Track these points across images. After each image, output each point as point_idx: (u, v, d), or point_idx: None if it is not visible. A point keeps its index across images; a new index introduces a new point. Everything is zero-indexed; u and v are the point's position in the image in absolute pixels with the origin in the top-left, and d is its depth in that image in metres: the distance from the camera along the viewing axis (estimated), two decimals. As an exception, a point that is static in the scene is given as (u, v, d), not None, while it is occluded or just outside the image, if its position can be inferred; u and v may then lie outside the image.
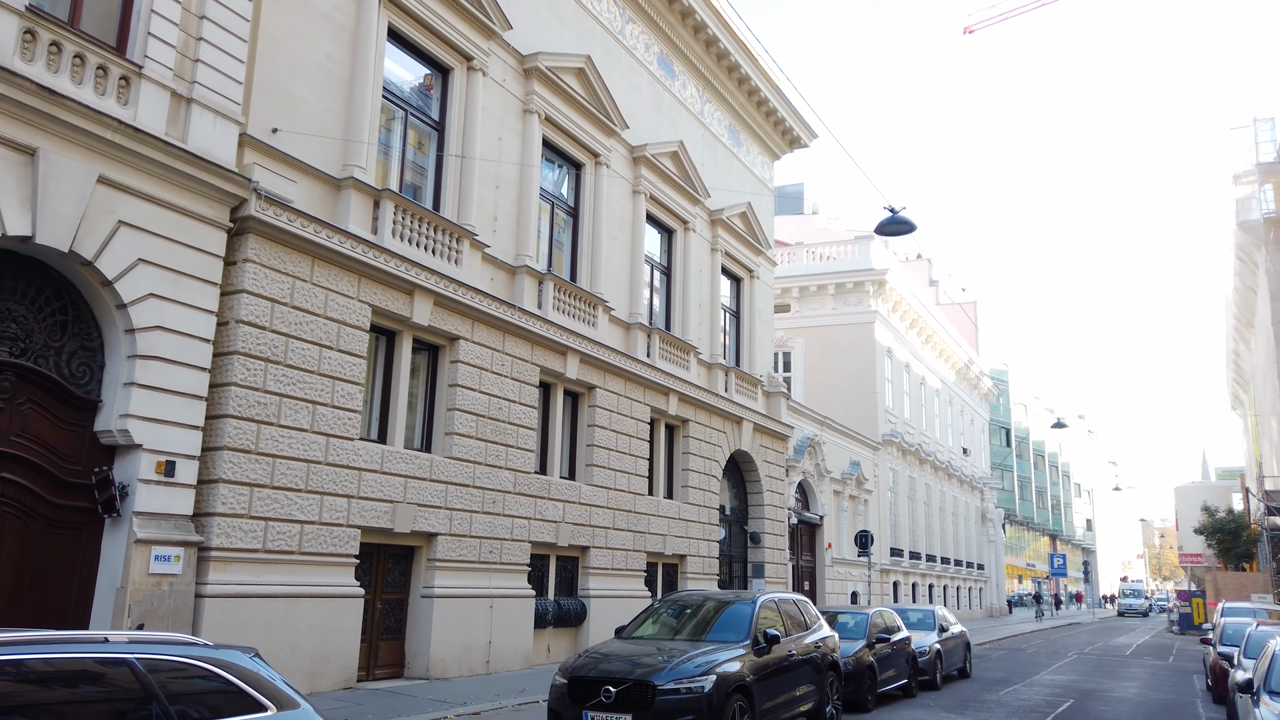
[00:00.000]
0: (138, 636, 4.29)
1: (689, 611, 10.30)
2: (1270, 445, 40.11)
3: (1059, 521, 77.72)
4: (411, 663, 13.77)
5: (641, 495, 19.32)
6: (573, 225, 18.77)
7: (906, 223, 12.30)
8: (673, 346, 20.98)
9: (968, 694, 15.52)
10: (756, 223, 25.45)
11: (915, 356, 41.16)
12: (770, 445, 25.31)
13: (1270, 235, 34.64)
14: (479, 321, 15.21)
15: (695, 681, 8.25)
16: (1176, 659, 25.68)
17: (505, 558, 15.37)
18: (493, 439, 15.31)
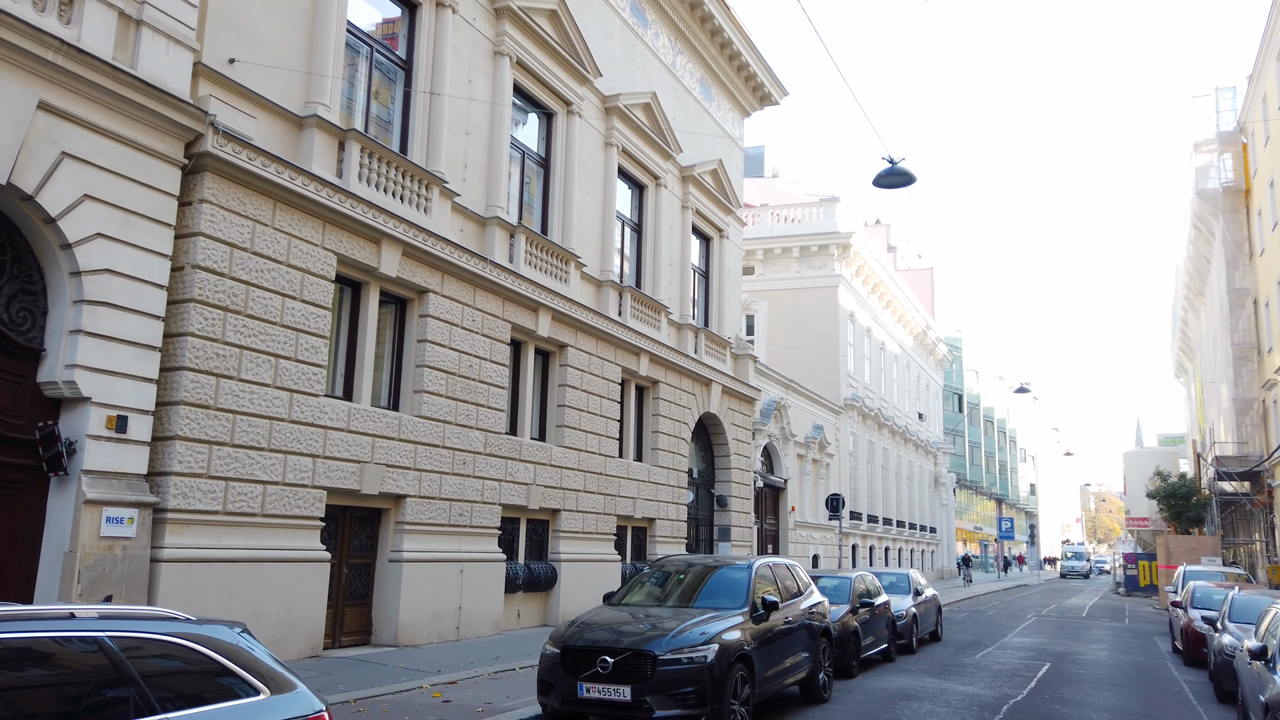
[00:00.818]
0: (109, 611, 3.66)
1: (681, 577, 9.84)
2: (1219, 412, 40.94)
3: (1005, 486, 79.14)
4: (379, 629, 13.18)
5: (612, 458, 18.83)
6: (544, 177, 18.02)
7: (906, 174, 11.82)
8: (644, 306, 20.41)
9: (944, 658, 15.39)
10: (727, 181, 24.88)
11: (876, 321, 41.12)
12: (738, 408, 24.96)
13: (1228, 204, 34.98)
14: (449, 274, 14.48)
15: (697, 651, 7.79)
16: (1132, 621, 26.11)
17: (476, 521, 14.79)
18: (463, 398, 14.65)
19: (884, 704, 10.45)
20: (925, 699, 10.91)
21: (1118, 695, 11.89)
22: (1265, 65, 30.20)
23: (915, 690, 11.53)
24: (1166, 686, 12.95)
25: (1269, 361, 32.41)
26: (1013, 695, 11.46)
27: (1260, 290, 33.42)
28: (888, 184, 11.96)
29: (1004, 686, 12.19)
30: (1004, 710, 10.43)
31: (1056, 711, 10.48)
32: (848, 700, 10.56)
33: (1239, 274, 34.90)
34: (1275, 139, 29.70)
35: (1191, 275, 45.00)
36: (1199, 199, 36.31)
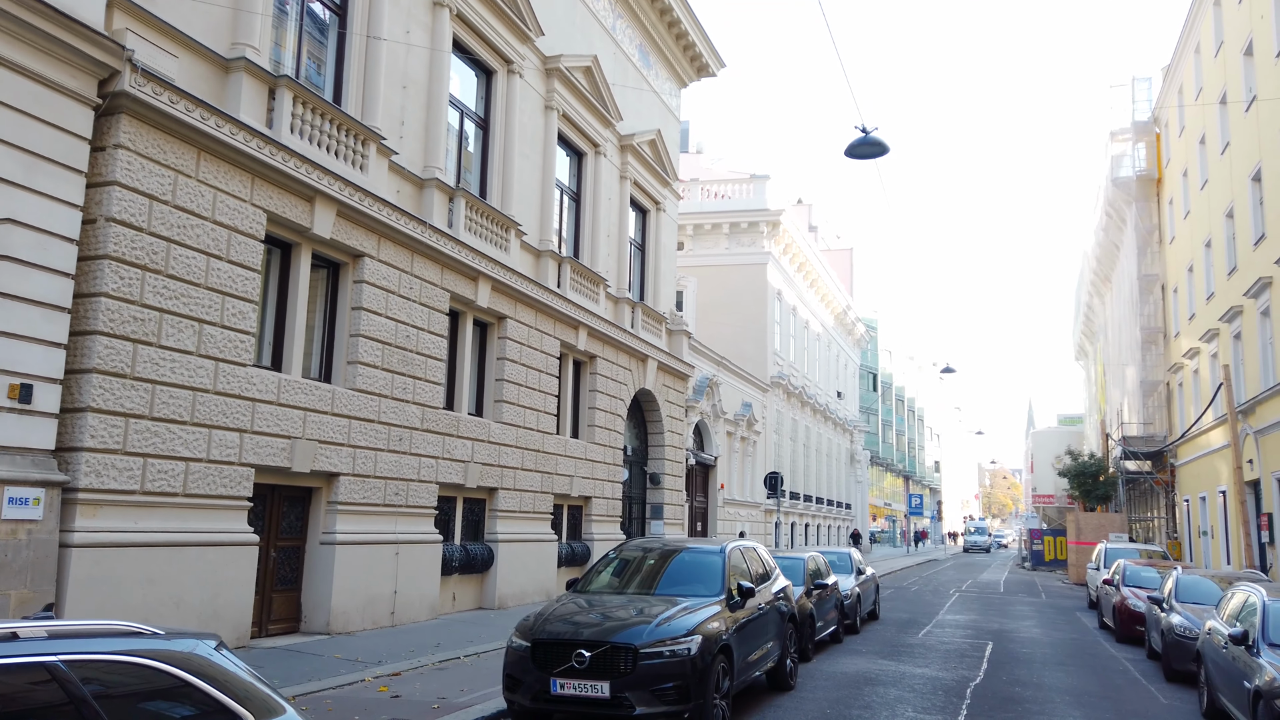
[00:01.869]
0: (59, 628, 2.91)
1: (651, 563, 9.30)
2: (1123, 393, 42.48)
3: (912, 463, 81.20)
4: (310, 616, 12.31)
5: (550, 434, 18.17)
6: (483, 140, 17.11)
7: (879, 144, 11.42)
8: (583, 277, 19.73)
9: (889, 637, 15.31)
10: (665, 152, 24.29)
11: (801, 300, 41.23)
12: (672, 385, 24.54)
13: (1140, 192, 36.05)
14: (386, 238, 13.55)
15: (680, 644, 7.28)
16: (1048, 596, 26.78)
17: (412, 500, 13.99)
18: (400, 370, 13.79)
19: (850, 690, 10.16)
20: (888, 683, 10.67)
21: (1069, 675, 11.89)
22: (1183, 58, 31.06)
23: (875, 674, 11.30)
24: (1110, 665, 13.06)
25: (1175, 346, 33.64)
26: (970, 678, 11.33)
27: (1169, 277, 34.61)
28: (860, 154, 11.56)
29: (958, 668, 12.08)
30: (968, 693, 10.26)
31: (1018, 694, 10.36)
32: (813, 687, 10.24)
33: (1148, 260, 36.07)
34: (1190, 130, 30.62)
35: (1100, 261, 46.42)
36: (1113, 186, 37.31)
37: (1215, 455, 27.54)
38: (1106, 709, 9.79)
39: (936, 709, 9.30)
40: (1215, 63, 26.78)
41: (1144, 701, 10.34)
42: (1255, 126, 22.77)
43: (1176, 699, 10.56)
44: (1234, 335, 25.20)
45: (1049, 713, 9.40)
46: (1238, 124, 24.47)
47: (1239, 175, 24.35)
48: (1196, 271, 29.91)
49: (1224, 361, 25.22)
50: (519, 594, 16.71)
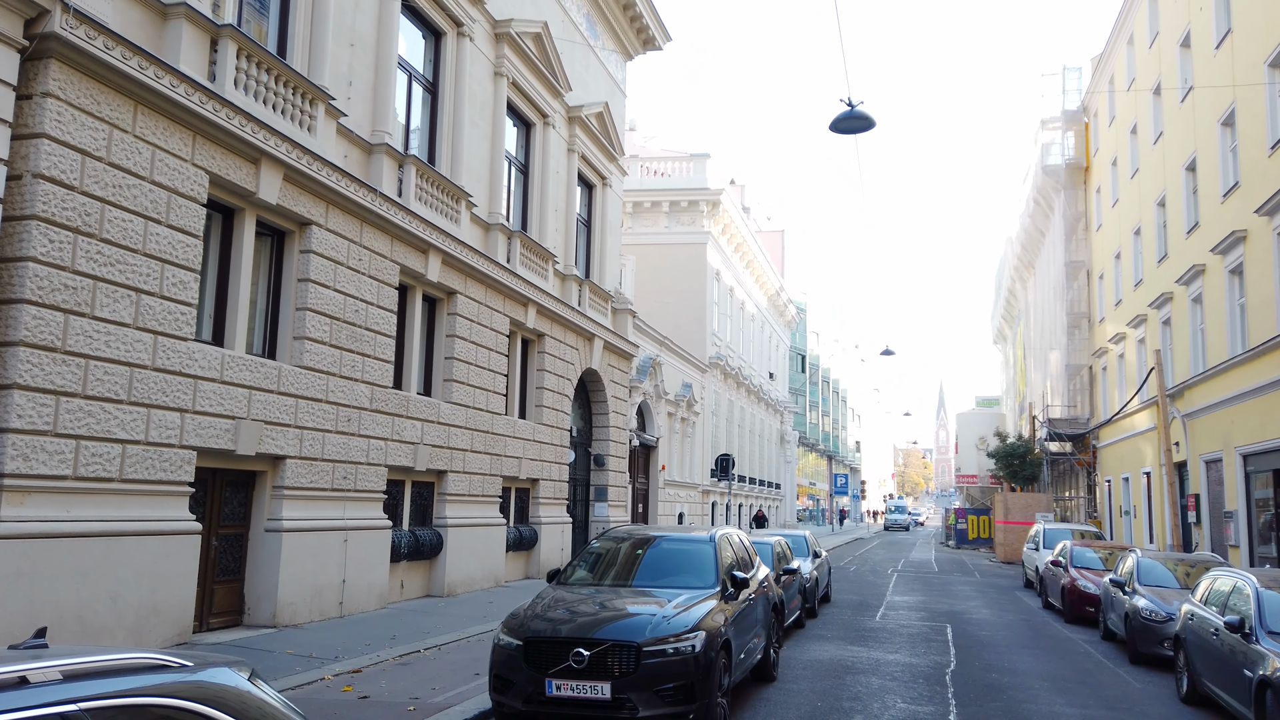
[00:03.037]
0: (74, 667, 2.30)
1: (639, 552, 8.83)
2: (1045, 377, 43.63)
3: (836, 444, 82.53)
4: (254, 608, 11.51)
5: (499, 415, 17.52)
6: (431, 105, 16.27)
7: (865, 118, 11.05)
8: (533, 253, 19.05)
9: (848, 621, 15.20)
10: (612, 126, 23.69)
11: (738, 281, 41.11)
12: (617, 364, 24.06)
13: (1069, 179, 36.83)
14: (335, 205, 12.71)
15: (683, 640, 6.84)
16: (982, 576, 27.26)
17: (361, 484, 13.24)
18: (349, 346, 12.99)
19: (832, 680, 9.90)
20: (867, 671, 10.46)
21: (1037, 660, 11.89)
22: (1116, 48, 31.69)
23: (850, 662, 11.08)
24: (1070, 648, 13.14)
25: (1100, 331, 34.56)
26: (944, 664, 11.21)
27: (1095, 264, 35.49)
28: (845, 128, 11.21)
29: (928, 653, 11.97)
30: (948, 680, 10.12)
31: (996, 680, 10.26)
32: (794, 677, 9.95)
33: (1074, 247, 36.93)
34: (1121, 119, 31.30)
35: (1025, 247, 47.47)
36: (1043, 174, 38.04)
37: (1140, 438, 28.37)
38: (1086, 695, 9.73)
39: (925, 699, 9.10)
40: (1150, 53, 27.34)
41: (1119, 686, 10.35)
42: (1191, 117, 23.28)
43: (1148, 682, 10.60)
44: (1163, 321, 25.87)
45: (1034, 700, 9.29)
46: (1172, 114, 25.00)
47: (1172, 165, 24.91)
48: (1124, 258, 30.67)
49: (1154, 347, 25.90)
50: (468, 581, 16.10)
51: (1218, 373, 21.05)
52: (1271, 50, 18.02)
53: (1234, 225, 19.87)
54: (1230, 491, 20.48)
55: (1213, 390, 21.53)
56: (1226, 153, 20.96)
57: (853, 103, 10.95)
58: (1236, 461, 20.12)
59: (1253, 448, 19.20)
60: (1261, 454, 18.86)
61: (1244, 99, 19.58)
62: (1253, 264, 19.13)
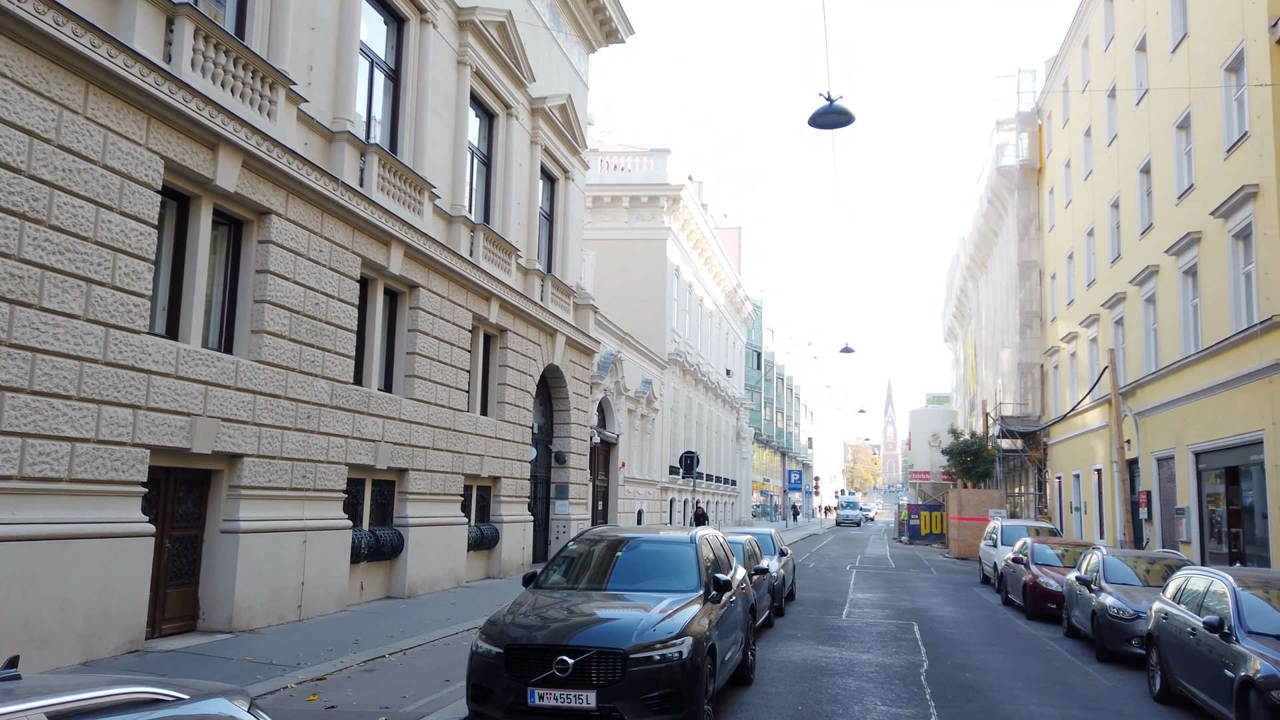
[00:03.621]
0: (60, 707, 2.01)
1: (617, 555, 8.58)
2: (996, 375, 44.27)
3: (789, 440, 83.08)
4: (209, 613, 11.06)
5: (461, 411, 17.16)
6: (394, 94, 15.83)
7: (844, 113, 10.92)
8: (496, 246, 18.70)
9: (814, 619, 15.14)
10: (575, 119, 23.38)
11: (697, 278, 41.04)
12: (579, 360, 23.78)
13: (1023, 180, 37.35)
14: (295, 194, 12.27)
15: (671, 646, 6.64)
16: (938, 572, 27.50)
17: (320, 483, 12.82)
18: (309, 341, 12.56)
19: (809, 681, 9.78)
20: (842, 672, 10.36)
21: (1006, 658, 11.91)
22: (1071, 51, 32.16)
23: (824, 662, 10.98)
24: (1036, 645, 13.21)
25: (1052, 330, 35.10)
26: (917, 663, 11.17)
27: (1048, 264, 36.04)
28: (824, 123, 11.07)
29: (899, 652, 11.93)
30: (923, 681, 10.05)
31: (970, 680, 10.23)
32: (770, 679, 9.81)
33: (1026, 247, 37.47)
34: (1075, 122, 31.77)
35: (978, 246, 48.10)
36: (997, 174, 38.53)
37: (1092, 435, 28.85)
38: (1060, 693, 9.74)
39: (904, 700, 9.01)
40: (1105, 56, 27.76)
41: (1090, 684, 10.38)
42: (1146, 120, 23.66)
43: (1118, 680, 10.65)
44: (1115, 321, 26.31)
45: (1011, 700, 9.26)
46: (1127, 117, 25.41)
47: (1127, 167, 25.31)
48: (1077, 259, 31.15)
49: (1107, 346, 26.32)
50: (429, 581, 15.74)
51: (1170, 372, 21.43)
52: (1227, 55, 18.34)
53: (1189, 227, 20.22)
54: (1182, 488, 20.88)
55: (1165, 389, 21.93)
56: (1181, 155, 21.32)
57: (831, 98, 10.83)
58: (1189, 459, 20.50)
59: (1205, 446, 19.58)
60: (1214, 452, 19.24)
61: (1200, 103, 19.92)
62: (1207, 265, 19.48)
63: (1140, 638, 11.19)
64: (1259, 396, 16.80)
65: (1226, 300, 18.34)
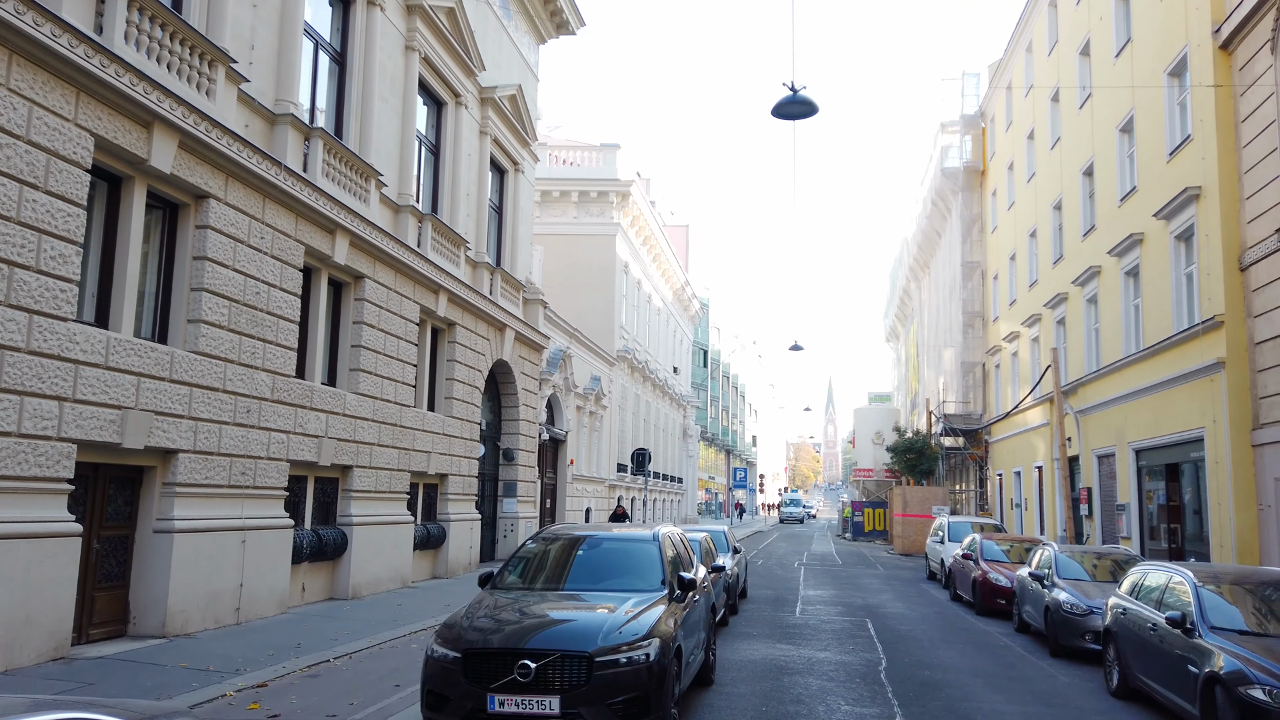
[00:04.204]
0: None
1: (578, 554, 8.25)
2: (938, 374, 44.87)
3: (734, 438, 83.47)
4: (141, 617, 10.49)
5: (408, 407, 16.67)
6: (339, 77, 15.29)
7: (808, 103, 10.73)
8: (444, 238, 18.22)
9: (767, 617, 15.00)
10: (525, 110, 22.97)
11: (645, 274, 40.83)
12: (528, 356, 23.38)
13: (966, 182, 37.86)
14: (235, 178, 11.72)
15: (637, 648, 6.36)
16: (884, 568, 27.68)
17: (260, 480, 12.28)
18: (249, 331, 12.02)
19: (770, 681, 9.59)
20: (802, 671, 10.20)
21: (961, 655, 11.88)
22: (1014, 54, 32.65)
23: (783, 661, 10.81)
24: (989, 641, 13.22)
25: (994, 330, 35.64)
26: (875, 661, 11.07)
27: (990, 264, 36.58)
28: (788, 114, 10.88)
29: (856, 650, 11.83)
30: (883, 679, 9.94)
31: (929, 677, 10.15)
32: (730, 680, 9.59)
33: (969, 248, 38.00)
34: (1018, 124, 32.25)
35: (921, 247, 48.72)
36: (941, 176, 39.02)
37: (1033, 433, 29.32)
38: (1019, 690, 9.70)
39: (867, 699, 8.87)
40: (1049, 60, 28.19)
41: (1046, 680, 10.37)
42: (1089, 123, 24.06)
43: (1074, 676, 10.67)
44: (1057, 321, 26.73)
45: (973, 697, 9.18)
46: (1070, 120, 25.82)
47: (1070, 169, 25.73)
48: (1020, 260, 31.64)
49: (1049, 345, 26.74)
50: (373, 582, 15.24)
51: (1112, 370, 21.80)
52: (1170, 60, 18.68)
53: (1131, 228, 20.57)
54: (1122, 485, 21.25)
55: (1106, 388, 22.31)
56: (1124, 158, 21.69)
57: (795, 88, 10.65)
58: (1129, 456, 20.87)
59: (1146, 443, 19.93)
60: (1154, 449, 19.59)
61: (1143, 106, 20.27)
62: (1149, 266, 19.83)
63: (1094, 633, 11.25)
64: (1200, 395, 17.12)
65: (1168, 300, 18.67)
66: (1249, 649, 7.06)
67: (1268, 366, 15.38)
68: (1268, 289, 15.33)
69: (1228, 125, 16.65)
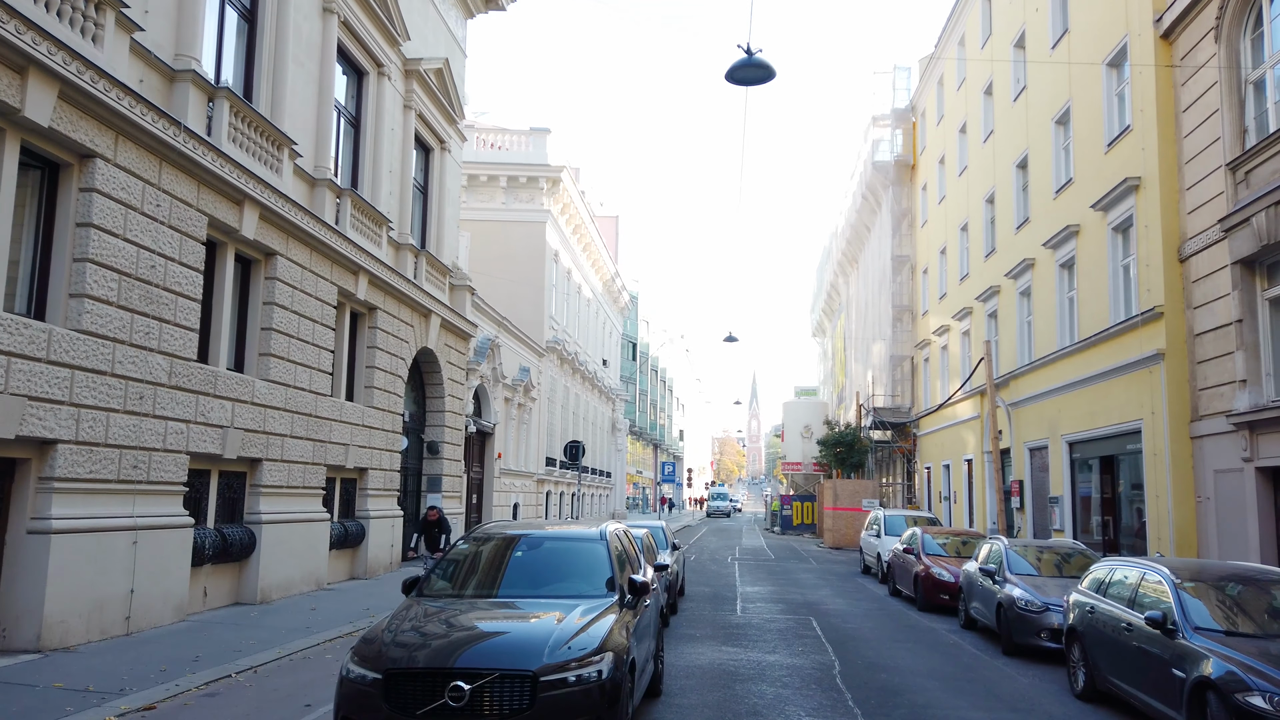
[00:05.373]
0: None
1: (517, 555, 7.35)
2: (866, 367, 44.99)
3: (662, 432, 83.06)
4: (12, 629, 9.25)
5: (324, 396, 15.50)
6: (249, 36, 14.04)
7: (765, 67, 9.96)
8: (365, 216, 17.05)
9: (708, 616, 14.31)
10: (452, 85, 21.84)
11: (575, 264, 39.89)
12: (454, 345, 22.27)
13: (897, 176, 37.89)
14: (127, 137, 10.49)
15: (589, 665, 5.53)
16: (818, 562, 27.35)
17: (155, 474, 11.07)
18: (142, 309, 10.79)
19: (720, 689, 8.86)
20: (753, 677, 9.50)
21: (914, 655, 11.35)
22: (946, 48, 32.63)
23: (732, 667, 10.10)
24: (939, 639, 12.75)
25: (923, 324, 35.73)
26: (827, 664, 10.44)
27: (919, 258, 36.66)
28: (743, 78, 10.14)
29: (806, 652, 11.20)
30: (839, 684, 9.31)
31: (887, 681, 9.56)
32: (679, 689, 8.82)
33: (900, 242, 38.06)
34: (950, 118, 32.28)
35: (850, 241, 48.81)
36: (872, 169, 38.98)
37: (963, 426, 29.35)
38: (981, 694, 9.17)
39: (828, 708, 8.20)
40: (982, 53, 28.15)
41: (1006, 682, 9.88)
42: (1024, 115, 24.00)
43: (1033, 677, 10.21)
44: (989, 314, 26.72)
45: (936, 704, 8.60)
46: (1004, 113, 25.77)
47: (1003, 162, 25.69)
48: (950, 253, 31.67)
49: (980, 338, 26.71)
50: (285, 584, 14.08)
51: (1046, 363, 21.75)
52: (1110, 50, 18.57)
53: (1067, 220, 20.48)
54: (1056, 478, 21.21)
55: (1040, 380, 22.26)
56: (1060, 150, 21.63)
57: (751, 50, 9.89)
58: (1063, 449, 20.82)
59: (1080, 435, 19.87)
60: (1089, 441, 19.53)
61: (1080, 98, 20.18)
62: (1085, 257, 19.74)
63: (1050, 631, 10.84)
64: (1138, 386, 17.02)
65: (1105, 292, 18.58)
66: (1241, 651, 6.59)
67: (1207, 358, 15.29)
68: (1208, 280, 15.23)
69: (1168, 115, 16.54)
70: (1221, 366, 14.82)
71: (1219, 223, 14.64)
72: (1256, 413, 13.61)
